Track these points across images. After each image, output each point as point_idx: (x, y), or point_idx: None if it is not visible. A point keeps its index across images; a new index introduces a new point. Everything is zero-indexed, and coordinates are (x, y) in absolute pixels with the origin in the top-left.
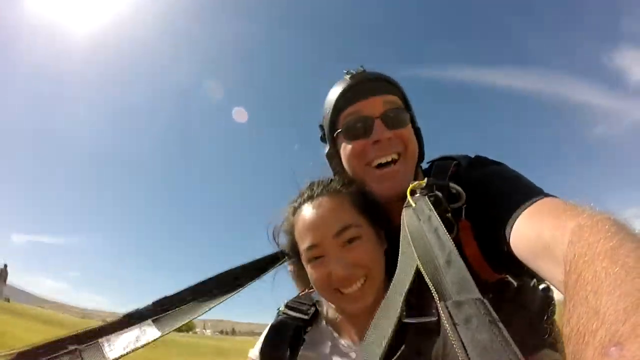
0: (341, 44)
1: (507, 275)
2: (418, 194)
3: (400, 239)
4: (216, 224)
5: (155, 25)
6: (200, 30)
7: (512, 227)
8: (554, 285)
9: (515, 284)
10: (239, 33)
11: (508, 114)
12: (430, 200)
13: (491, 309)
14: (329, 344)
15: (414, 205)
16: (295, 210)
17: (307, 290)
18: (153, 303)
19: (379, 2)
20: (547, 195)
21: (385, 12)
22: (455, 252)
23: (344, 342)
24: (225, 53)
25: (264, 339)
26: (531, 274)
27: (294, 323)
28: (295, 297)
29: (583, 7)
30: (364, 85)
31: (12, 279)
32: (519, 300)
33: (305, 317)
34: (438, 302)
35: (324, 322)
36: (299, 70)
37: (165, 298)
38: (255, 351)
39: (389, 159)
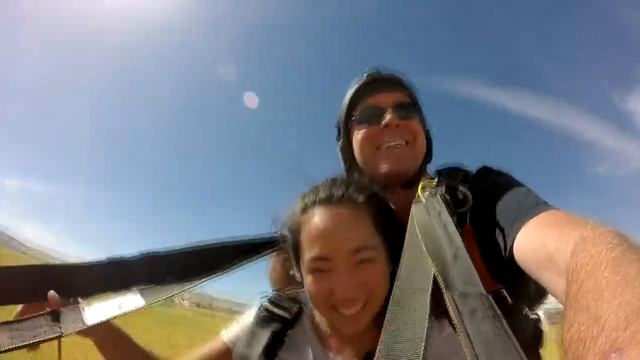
0: (360, 47)
1: (504, 290)
2: (428, 192)
3: (407, 233)
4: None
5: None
6: (222, 14)
7: (516, 237)
8: (555, 296)
9: (510, 301)
10: (259, 23)
11: (513, 136)
12: (441, 197)
13: (494, 304)
14: (311, 351)
15: (424, 200)
16: (306, 209)
17: (291, 290)
18: (144, 261)
19: (402, 5)
20: (551, 207)
21: (404, 17)
22: (462, 247)
23: (328, 352)
24: (243, 39)
25: (243, 335)
26: (527, 296)
27: (275, 322)
28: (279, 292)
29: (604, 46)
30: (379, 82)
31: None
32: (511, 323)
33: (288, 317)
34: (445, 291)
35: (308, 327)
36: (313, 68)
37: (157, 259)
38: (229, 335)
39: (398, 143)
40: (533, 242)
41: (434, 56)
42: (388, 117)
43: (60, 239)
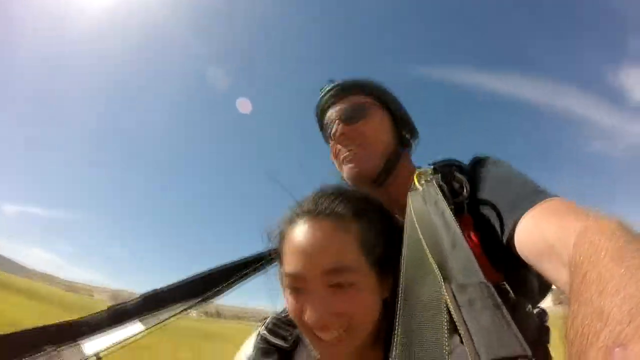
0: (352, 42)
1: (505, 282)
2: (424, 181)
3: (405, 222)
4: (211, 210)
5: (166, 11)
6: (211, 20)
7: (516, 227)
8: (558, 287)
9: (512, 295)
10: (250, 24)
11: (510, 120)
12: (438, 185)
13: (495, 293)
14: None
15: (420, 189)
16: (291, 220)
17: None
18: (143, 299)
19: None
20: (552, 195)
21: (396, 11)
22: (460, 235)
23: None
24: (234, 42)
25: None
26: (530, 289)
27: (275, 354)
28: (277, 316)
29: (593, 22)
30: (332, 95)
31: (2, 249)
32: (513, 317)
33: (286, 345)
34: (442, 283)
35: (309, 347)
36: (305, 68)
37: (155, 295)
38: None
39: (349, 150)
40: (534, 232)
41: (421, 47)
42: (334, 129)
43: (63, 262)
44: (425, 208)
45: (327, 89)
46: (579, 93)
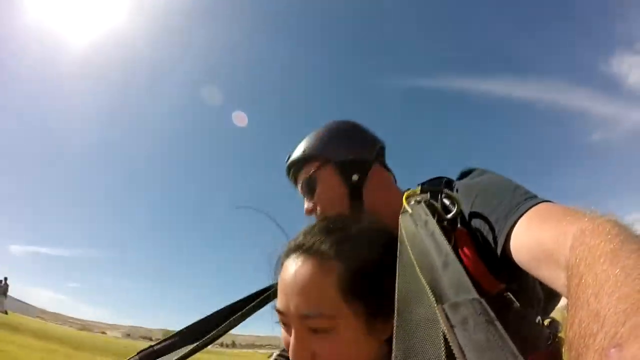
0: (336, 54)
1: (508, 292)
2: (413, 202)
3: (398, 246)
4: (221, 235)
5: (152, 33)
6: (199, 37)
7: (510, 235)
8: (558, 290)
9: (517, 304)
10: (237, 40)
11: (506, 122)
12: (427, 205)
13: (488, 308)
14: None
15: (410, 211)
16: (286, 254)
17: None
18: (168, 344)
19: (375, 14)
20: (541, 200)
21: (383, 22)
22: (452, 254)
23: None
24: (225, 59)
25: None
26: (535, 297)
27: None
28: (283, 352)
29: (577, 13)
30: (290, 175)
31: (11, 291)
32: (519, 328)
33: None
34: (436, 305)
35: None
36: (293, 75)
37: (159, 347)
38: None
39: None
40: (528, 239)
41: (411, 58)
42: (305, 209)
43: (72, 301)
44: (415, 230)
45: (287, 167)
46: (572, 87)
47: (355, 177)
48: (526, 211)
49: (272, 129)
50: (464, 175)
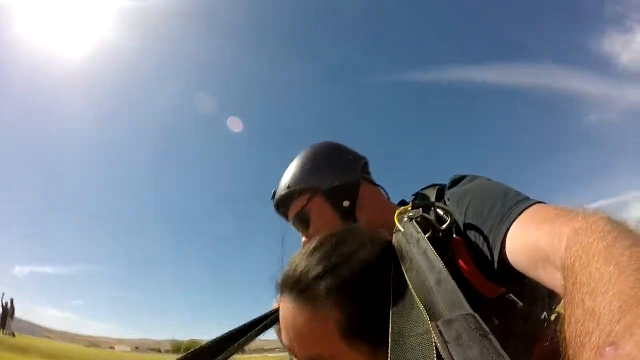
0: (325, 54)
1: (511, 294)
2: (406, 219)
3: (392, 267)
4: (224, 247)
5: (139, 46)
6: (188, 48)
7: (506, 240)
8: (557, 291)
9: (520, 304)
10: (226, 48)
11: (501, 110)
12: (417, 223)
13: (482, 323)
14: None
15: (402, 230)
16: (281, 290)
17: None
18: None
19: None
20: (534, 202)
21: (369, 18)
22: (444, 271)
23: None
24: (216, 68)
25: None
26: (540, 295)
27: None
28: None
29: None
30: (279, 212)
31: (17, 312)
32: (526, 328)
33: None
34: (430, 323)
35: None
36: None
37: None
38: None
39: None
40: (524, 242)
41: (407, 52)
42: (301, 238)
43: (78, 318)
44: (409, 249)
45: (275, 204)
46: (564, 70)
47: (346, 204)
48: (519, 215)
49: (268, 136)
50: (454, 183)
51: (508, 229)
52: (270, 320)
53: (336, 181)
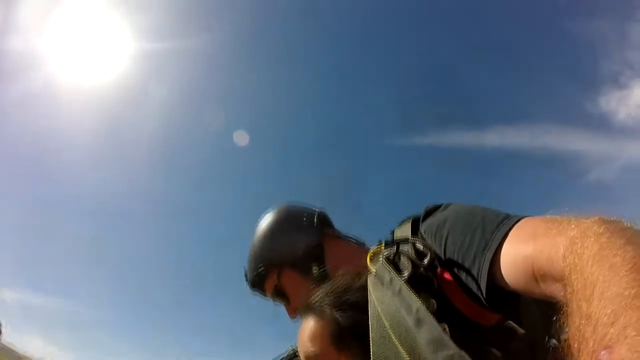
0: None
1: (509, 321)
2: (381, 260)
3: (369, 312)
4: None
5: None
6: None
7: (494, 263)
8: (560, 302)
9: (521, 330)
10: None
11: (501, 173)
12: (392, 262)
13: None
14: None
15: (374, 271)
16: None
17: None
18: None
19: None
20: (516, 217)
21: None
22: (423, 309)
23: None
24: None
25: None
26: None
27: None
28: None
29: (559, 57)
30: (258, 294)
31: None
32: (533, 356)
33: None
34: None
35: None
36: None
37: None
38: None
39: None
40: (519, 260)
41: (401, 116)
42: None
43: (62, 353)
44: (383, 291)
45: (248, 287)
46: (563, 130)
47: (315, 269)
48: (505, 237)
49: (273, 152)
50: (428, 213)
51: (494, 255)
52: None
53: (299, 250)
